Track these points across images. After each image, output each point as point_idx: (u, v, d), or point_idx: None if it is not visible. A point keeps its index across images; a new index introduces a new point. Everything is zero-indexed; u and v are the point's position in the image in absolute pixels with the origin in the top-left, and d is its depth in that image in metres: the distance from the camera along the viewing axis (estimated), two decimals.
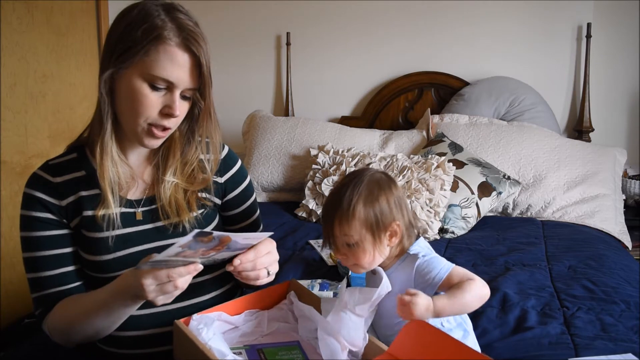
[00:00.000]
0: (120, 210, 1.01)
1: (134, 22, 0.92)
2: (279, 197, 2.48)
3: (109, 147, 0.97)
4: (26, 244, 1.00)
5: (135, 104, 0.93)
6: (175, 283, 0.84)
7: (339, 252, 0.97)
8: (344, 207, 0.94)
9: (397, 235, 0.96)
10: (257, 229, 1.22)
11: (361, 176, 0.97)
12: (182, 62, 0.93)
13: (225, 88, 2.93)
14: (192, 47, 0.92)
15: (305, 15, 2.88)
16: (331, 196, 0.99)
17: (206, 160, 1.08)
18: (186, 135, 1.05)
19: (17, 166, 2.18)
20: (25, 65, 2.22)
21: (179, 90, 0.94)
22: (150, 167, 1.07)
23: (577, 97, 2.64)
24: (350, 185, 0.96)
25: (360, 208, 0.93)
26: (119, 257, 1.00)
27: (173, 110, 0.94)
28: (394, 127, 2.74)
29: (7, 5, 2.11)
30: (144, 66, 0.91)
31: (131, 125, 0.96)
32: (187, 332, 0.90)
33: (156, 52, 0.91)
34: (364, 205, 0.94)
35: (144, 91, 0.92)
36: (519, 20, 2.65)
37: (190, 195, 1.05)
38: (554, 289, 1.41)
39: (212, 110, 1.02)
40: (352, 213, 0.93)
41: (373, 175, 0.98)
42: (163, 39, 0.90)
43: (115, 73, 0.93)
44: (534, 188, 2.17)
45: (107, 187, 0.97)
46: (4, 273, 2.13)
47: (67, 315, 0.97)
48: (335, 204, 0.95)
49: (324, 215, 0.99)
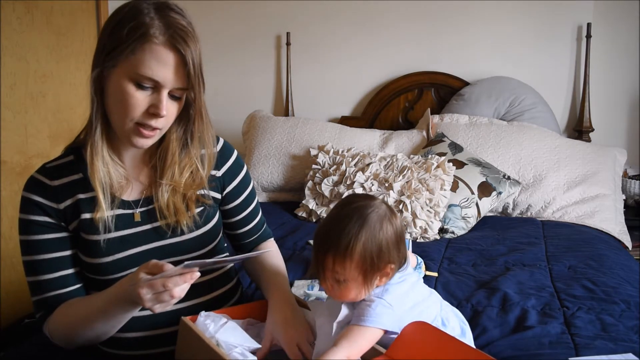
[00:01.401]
0: (116, 212, 1.00)
1: (123, 20, 0.90)
2: (279, 197, 2.48)
3: (99, 147, 0.96)
4: (25, 248, 1.00)
5: (122, 104, 0.91)
6: (172, 293, 0.82)
7: (326, 283, 0.93)
8: (342, 245, 0.87)
9: (389, 276, 0.92)
10: (255, 217, 1.22)
11: (366, 210, 0.90)
12: (168, 61, 0.90)
13: (225, 88, 2.92)
14: (178, 45, 0.90)
15: (305, 15, 2.88)
16: (330, 225, 0.91)
17: (197, 159, 1.05)
18: (183, 138, 1.03)
19: (17, 166, 2.18)
20: (25, 65, 2.22)
21: (166, 89, 0.92)
22: (147, 168, 1.06)
23: (577, 97, 2.64)
24: (352, 219, 0.89)
25: (359, 250, 0.87)
26: (117, 259, 1.00)
27: (159, 110, 0.92)
28: (394, 127, 2.74)
29: (7, 5, 2.11)
30: (130, 65, 0.90)
31: (119, 125, 0.95)
32: (194, 328, 0.91)
33: (142, 51, 0.89)
34: (364, 247, 0.87)
35: (130, 90, 0.91)
36: (519, 20, 2.65)
37: (189, 199, 1.04)
38: (554, 288, 1.41)
39: (204, 112, 1.00)
40: (349, 254, 0.87)
41: (378, 212, 0.91)
42: (148, 37, 0.89)
43: (103, 72, 0.92)
44: (534, 188, 2.17)
45: (98, 188, 0.96)
46: (4, 273, 2.13)
47: (67, 319, 0.97)
48: (333, 238, 0.88)
49: (319, 243, 0.91)
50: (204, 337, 0.88)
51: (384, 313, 0.89)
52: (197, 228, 1.06)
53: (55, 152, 1.08)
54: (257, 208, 1.23)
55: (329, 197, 2.12)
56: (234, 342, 0.90)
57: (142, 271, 0.86)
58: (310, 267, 0.96)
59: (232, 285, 1.16)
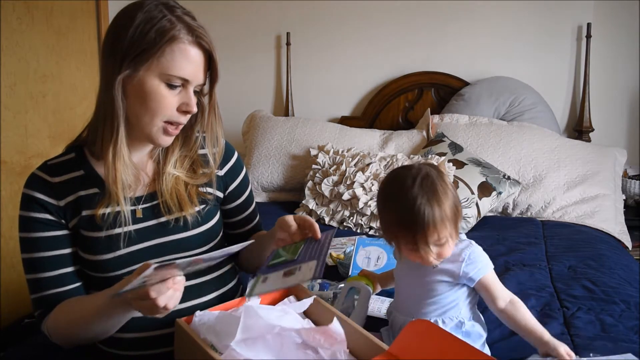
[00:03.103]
0: (129, 208, 1.01)
1: (142, 24, 0.92)
2: (279, 197, 2.48)
3: (122, 152, 0.97)
4: (25, 245, 1.00)
5: (153, 104, 0.94)
6: (156, 302, 0.80)
7: (426, 254, 0.96)
8: (436, 218, 0.93)
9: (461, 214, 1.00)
10: (254, 218, 1.24)
11: (425, 178, 0.95)
12: (196, 59, 0.96)
13: (225, 88, 2.89)
14: (204, 43, 0.96)
15: (305, 15, 2.88)
16: (411, 205, 0.93)
17: (211, 154, 1.09)
18: (184, 130, 1.06)
19: (17, 166, 2.18)
20: (25, 65, 2.22)
21: (192, 86, 0.97)
22: (151, 161, 1.08)
23: (577, 97, 2.64)
24: (422, 194, 0.93)
25: (446, 210, 0.94)
26: (119, 256, 1.00)
27: (191, 107, 0.97)
28: (394, 127, 2.74)
29: (7, 5, 2.11)
30: (159, 66, 0.93)
31: (146, 126, 0.97)
32: (188, 331, 0.90)
33: (171, 52, 0.93)
34: (446, 206, 0.94)
35: (161, 91, 0.94)
36: (519, 20, 2.64)
37: (192, 189, 1.06)
38: (554, 289, 1.41)
39: (217, 106, 1.05)
40: (445, 215, 0.94)
41: (430, 172, 0.97)
42: (177, 39, 0.93)
43: (126, 76, 0.93)
44: (534, 188, 2.17)
45: (119, 191, 0.97)
46: (4, 273, 2.13)
47: (66, 318, 0.97)
48: (421, 217, 0.93)
49: (415, 223, 0.93)
50: (197, 339, 0.87)
51: (481, 253, 1.02)
52: (200, 225, 1.07)
53: (55, 152, 1.08)
54: (256, 210, 1.26)
55: (329, 197, 2.12)
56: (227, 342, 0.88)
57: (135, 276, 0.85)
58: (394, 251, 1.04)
59: (233, 285, 1.16)
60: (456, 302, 1.02)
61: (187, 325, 0.93)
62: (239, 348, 0.84)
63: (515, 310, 1.00)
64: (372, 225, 1.97)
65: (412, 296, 1.05)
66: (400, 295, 1.09)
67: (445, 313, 1.02)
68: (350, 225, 2.04)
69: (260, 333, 0.86)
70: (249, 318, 0.87)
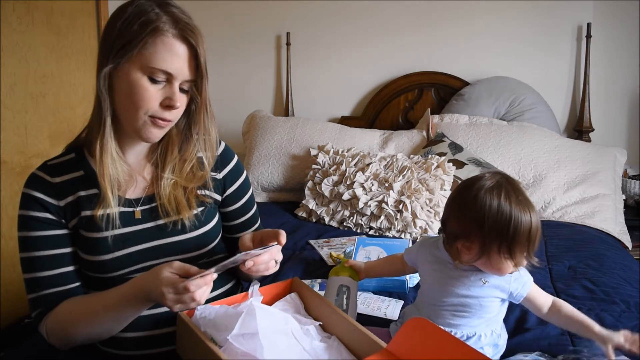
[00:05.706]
0: (119, 210, 1.01)
1: (129, 17, 0.92)
2: (279, 197, 2.48)
3: (108, 145, 0.97)
4: (24, 244, 1.00)
5: (136, 98, 0.93)
6: (193, 295, 0.84)
7: (499, 265, 0.96)
8: (533, 229, 0.94)
9: None
10: (255, 223, 1.24)
11: (511, 188, 0.96)
12: (180, 53, 0.94)
13: (225, 88, 2.92)
14: (189, 38, 0.94)
15: (305, 15, 2.88)
16: (505, 216, 0.93)
17: (204, 155, 1.08)
18: (183, 132, 1.06)
19: (17, 166, 2.18)
20: (25, 65, 2.22)
21: (177, 81, 0.95)
22: (149, 165, 1.08)
23: (577, 97, 2.64)
24: (516, 204, 0.94)
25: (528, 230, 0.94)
26: (118, 257, 1.00)
27: (174, 101, 0.95)
28: (394, 127, 2.74)
29: (7, 5, 2.11)
30: (142, 59, 0.92)
31: (131, 120, 0.96)
32: (189, 324, 0.91)
33: (154, 45, 0.92)
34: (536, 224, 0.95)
35: (144, 84, 0.93)
36: (519, 20, 2.65)
37: (190, 193, 1.06)
38: (554, 289, 1.41)
39: (209, 104, 1.03)
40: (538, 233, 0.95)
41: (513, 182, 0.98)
42: (160, 31, 0.92)
43: (112, 69, 0.94)
44: (534, 188, 2.17)
45: (107, 185, 0.97)
46: (4, 273, 2.13)
47: (70, 316, 0.97)
48: (534, 229, 0.94)
49: (498, 237, 0.93)
50: (198, 331, 0.89)
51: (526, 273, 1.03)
52: (198, 227, 1.07)
53: (55, 152, 1.08)
54: (257, 214, 1.25)
55: (329, 197, 2.12)
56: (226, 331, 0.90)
57: (167, 270, 0.87)
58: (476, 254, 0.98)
59: (233, 285, 1.17)
60: (497, 317, 1.03)
61: (189, 319, 0.94)
62: (236, 342, 0.86)
63: (559, 310, 1.02)
64: (372, 225, 1.97)
65: (450, 307, 1.02)
66: (432, 306, 1.05)
67: (488, 326, 1.02)
68: (350, 225, 2.04)
69: (257, 330, 0.88)
70: (249, 316, 0.89)
